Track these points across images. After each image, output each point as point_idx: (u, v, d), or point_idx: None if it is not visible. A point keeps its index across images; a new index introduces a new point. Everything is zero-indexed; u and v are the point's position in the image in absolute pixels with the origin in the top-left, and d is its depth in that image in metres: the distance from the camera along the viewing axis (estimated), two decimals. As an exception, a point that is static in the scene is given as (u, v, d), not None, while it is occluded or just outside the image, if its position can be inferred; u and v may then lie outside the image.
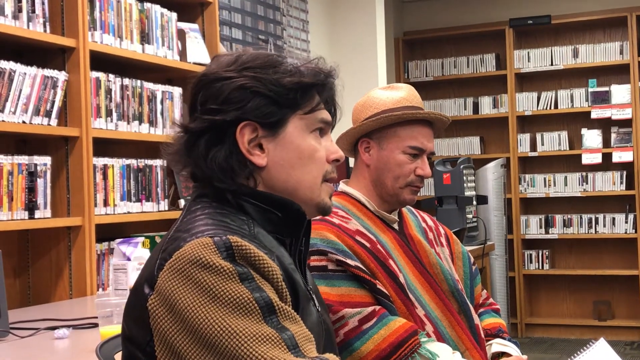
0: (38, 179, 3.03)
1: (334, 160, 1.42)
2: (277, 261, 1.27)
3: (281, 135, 1.37)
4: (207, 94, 1.36)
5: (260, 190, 1.37)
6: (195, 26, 4.01)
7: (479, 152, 7.41)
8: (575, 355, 2.00)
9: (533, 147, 7.23)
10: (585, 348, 2.01)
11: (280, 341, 1.15)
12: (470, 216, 5.20)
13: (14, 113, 2.93)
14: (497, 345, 2.15)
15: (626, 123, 6.93)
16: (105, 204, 3.30)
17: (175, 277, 1.20)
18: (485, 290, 2.35)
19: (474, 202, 5.30)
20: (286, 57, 1.42)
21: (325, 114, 1.42)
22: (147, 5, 3.62)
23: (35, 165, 3.03)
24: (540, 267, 7.22)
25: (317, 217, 1.99)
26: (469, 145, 7.47)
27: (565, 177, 7.12)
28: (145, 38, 3.59)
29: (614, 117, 6.89)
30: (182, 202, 3.73)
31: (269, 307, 1.18)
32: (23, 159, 2.98)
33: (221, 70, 1.37)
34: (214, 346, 1.15)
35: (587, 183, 7.05)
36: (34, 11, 3.05)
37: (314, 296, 1.43)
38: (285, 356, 1.14)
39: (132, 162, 3.46)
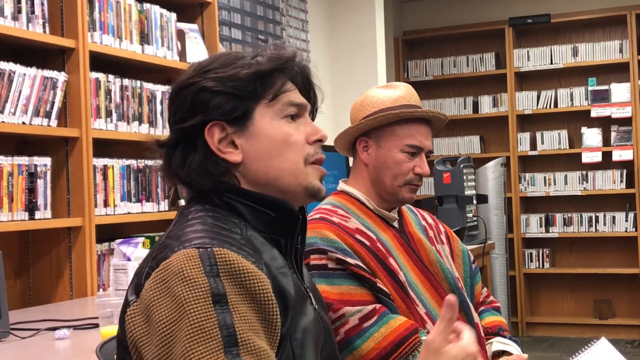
0: (38, 180, 3.03)
1: (315, 141, 1.40)
2: (265, 269, 1.25)
3: (250, 128, 1.36)
4: (176, 105, 1.38)
5: (250, 190, 1.36)
6: (195, 26, 4.01)
7: (479, 151, 7.41)
8: (577, 354, 2.00)
9: (533, 146, 7.23)
10: (586, 347, 2.01)
11: None
12: (470, 215, 5.20)
13: (14, 114, 2.93)
14: (497, 343, 2.15)
15: (626, 121, 6.93)
16: (106, 204, 3.30)
17: (158, 287, 1.20)
18: (485, 288, 2.35)
19: (474, 201, 5.30)
20: (247, 51, 1.42)
21: (294, 97, 1.40)
22: (147, 5, 3.62)
23: (36, 166, 3.03)
24: (541, 266, 7.22)
25: (317, 216, 2.00)
26: (469, 145, 7.47)
27: (566, 176, 7.12)
28: (144, 38, 3.59)
29: (613, 116, 6.89)
30: (182, 202, 3.73)
31: (231, 338, 1.15)
32: (23, 160, 2.98)
33: (184, 79, 1.38)
34: None
35: (587, 182, 7.05)
36: (33, 12, 3.06)
37: (310, 294, 1.42)
38: None
39: (132, 162, 3.46)
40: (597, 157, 6.96)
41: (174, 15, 3.81)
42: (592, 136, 7.02)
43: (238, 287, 1.19)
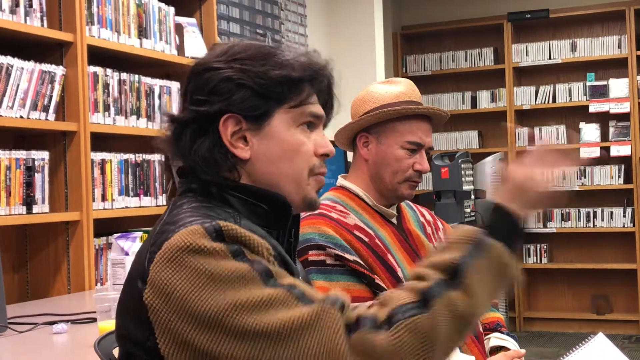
0: (36, 174, 3.02)
1: (322, 155, 1.40)
2: (270, 244, 1.27)
3: (266, 128, 1.35)
4: (196, 84, 1.36)
5: (244, 183, 1.36)
6: (193, 20, 4.00)
7: (477, 146, 7.41)
8: (574, 349, 2.01)
9: (531, 141, 7.22)
10: (583, 342, 2.02)
11: (287, 295, 1.17)
12: (468, 210, 5.20)
13: (12, 108, 2.93)
14: (495, 339, 2.15)
15: (624, 117, 6.93)
16: (103, 198, 3.30)
17: (168, 266, 1.19)
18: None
19: (472, 196, 5.31)
20: (281, 48, 1.39)
21: (315, 108, 1.39)
22: (145, -1, 3.61)
23: (33, 160, 3.02)
24: (539, 261, 7.22)
25: (315, 212, 1.99)
26: (467, 140, 7.47)
27: (563, 171, 7.11)
28: (142, 32, 3.58)
29: (612, 111, 6.89)
30: (180, 197, 3.72)
31: (266, 272, 1.18)
32: (21, 154, 2.98)
33: (211, 60, 1.36)
34: (224, 325, 1.15)
35: (585, 177, 7.06)
36: (31, 5, 3.05)
37: None
38: (292, 311, 1.15)
39: (130, 156, 3.46)
40: (595, 152, 6.95)
41: (172, 9, 3.81)
42: (590, 131, 7.02)
43: (246, 248, 1.21)
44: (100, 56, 3.35)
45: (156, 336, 1.20)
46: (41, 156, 3.06)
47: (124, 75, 3.44)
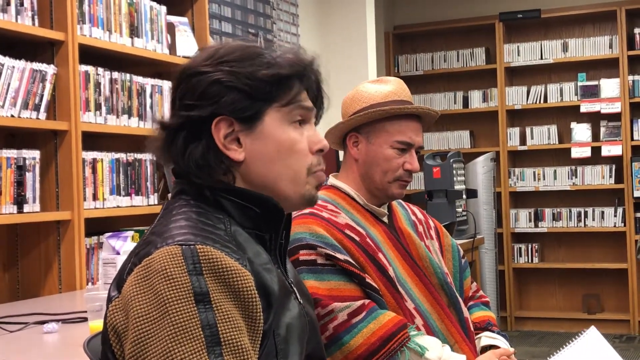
0: (27, 173, 3.02)
1: (318, 151, 1.40)
2: (249, 265, 1.25)
3: (258, 128, 1.34)
4: (185, 88, 1.35)
5: (237, 186, 1.36)
6: (185, 19, 4.00)
7: (469, 146, 7.42)
8: (567, 344, 2.01)
9: (523, 141, 7.24)
10: (576, 337, 2.02)
11: None
12: (460, 210, 5.20)
13: (2, 107, 2.92)
14: (486, 338, 2.15)
15: (615, 117, 6.95)
16: (95, 198, 3.29)
17: (140, 283, 1.20)
18: (475, 283, 2.35)
19: (464, 196, 5.31)
20: (267, 48, 1.39)
21: (305, 103, 1.39)
22: (136, -2, 3.61)
23: (24, 159, 3.01)
24: (530, 261, 7.24)
25: (306, 211, 2.00)
26: (459, 139, 7.48)
27: (555, 171, 7.14)
28: (134, 31, 3.58)
29: (603, 111, 6.91)
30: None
31: (214, 338, 1.15)
32: (12, 153, 2.97)
33: (199, 64, 1.35)
34: None
35: (576, 177, 7.07)
36: (22, 4, 3.04)
37: (295, 289, 1.42)
38: None
39: (122, 156, 3.45)
40: (586, 152, 6.97)
41: (163, 8, 3.80)
42: (581, 131, 7.04)
43: (221, 285, 1.18)
44: (91, 55, 3.34)
45: (112, 344, 1.24)
46: (32, 155, 3.05)
47: (116, 74, 3.43)
